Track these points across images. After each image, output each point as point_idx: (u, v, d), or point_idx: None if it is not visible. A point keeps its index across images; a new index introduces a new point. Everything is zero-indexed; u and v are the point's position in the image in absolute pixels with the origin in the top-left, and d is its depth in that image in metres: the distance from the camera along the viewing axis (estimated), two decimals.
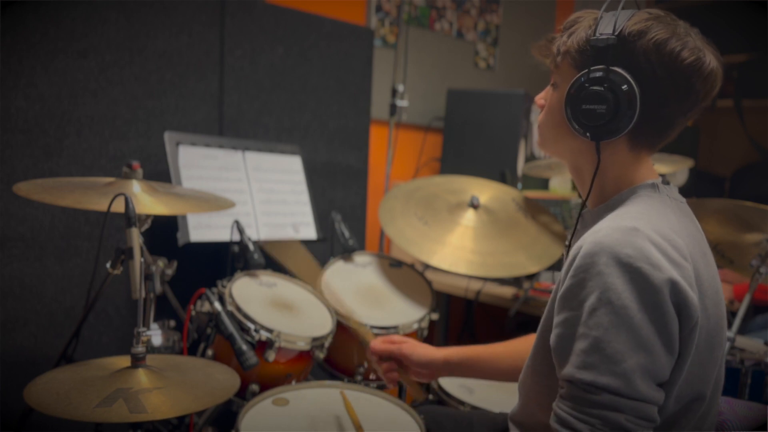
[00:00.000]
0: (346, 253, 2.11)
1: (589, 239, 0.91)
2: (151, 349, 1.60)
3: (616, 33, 0.95)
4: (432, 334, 2.21)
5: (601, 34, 0.95)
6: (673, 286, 0.87)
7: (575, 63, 1.00)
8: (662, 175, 1.06)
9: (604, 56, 0.95)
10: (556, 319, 0.93)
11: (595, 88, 0.96)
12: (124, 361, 1.19)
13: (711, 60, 0.96)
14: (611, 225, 0.92)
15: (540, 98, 1.10)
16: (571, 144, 1.04)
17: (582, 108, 0.97)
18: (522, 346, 1.34)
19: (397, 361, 1.41)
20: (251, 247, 1.86)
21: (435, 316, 1.97)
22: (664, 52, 0.94)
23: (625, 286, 0.86)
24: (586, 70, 0.97)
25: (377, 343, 1.42)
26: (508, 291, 2.44)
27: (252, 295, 1.75)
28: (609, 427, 0.86)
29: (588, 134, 0.98)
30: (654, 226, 0.91)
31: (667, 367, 0.88)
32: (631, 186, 1.02)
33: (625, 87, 0.94)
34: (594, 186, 1.04)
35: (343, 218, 2.19)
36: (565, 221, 2.50)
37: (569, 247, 1.08)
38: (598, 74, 0.96)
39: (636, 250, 0.87)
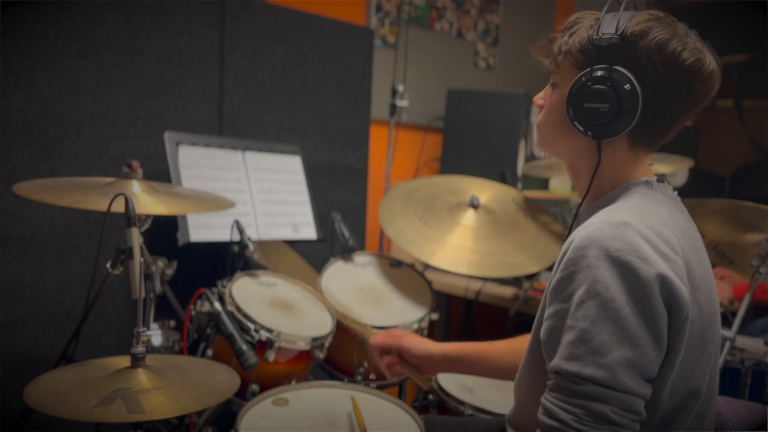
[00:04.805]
0: (346, 253, 2.11)
1: (580, 233, 0.92)
2: (151, 349, 1.61)
3: (619, 33, 0.95)
4: (432, 334, 2.20)
5: (603, 34, 0.96)
6: (663, 280, 0.87)
7: (577, 63, 1.01)
8: (662, 175, 1.06)
9: (607, 55, 0.96)
10: (547, 312, 0.94)
11: (597, 86, 0.96)
12: (124, 361, 1.19)
13: (710, 61, 0.97)
14: (602, 219, 0.93)
15: (539, 98, 1.11)
16: (571, 143, 1.05)
17: (584, 106, 0.98)
18: (521, 344, 1.33)
19: (398, 354, 1.42)
20: (251, 247, 1.86)
21: (435, 316, 1.97)
22: (666, 53, 0.95)
23: (614, 279, 0.86)
24: (589, 69, 0.97)
25: (378, 338, 1.44)
26: (508, 291, 2.44)
27: (252, 295, 1.75)
28: (593, 418, 0.86)
29: (590, 133, 0.99)
30: (645, 221, 0.92)
31: (655, 361, 0.88)
32: (625, 183, 1.03)
33: (627, 86, 0.95)
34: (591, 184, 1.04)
35: (343, 218, 2.19)
36: (565, 221, 2.50)
37: None
38: (601, 73, 0.96)
39: (626, 243, 0.88)
